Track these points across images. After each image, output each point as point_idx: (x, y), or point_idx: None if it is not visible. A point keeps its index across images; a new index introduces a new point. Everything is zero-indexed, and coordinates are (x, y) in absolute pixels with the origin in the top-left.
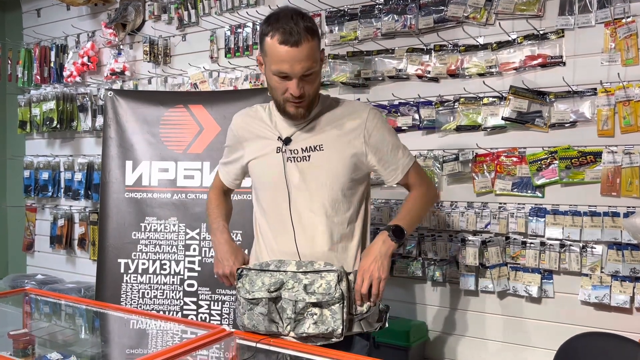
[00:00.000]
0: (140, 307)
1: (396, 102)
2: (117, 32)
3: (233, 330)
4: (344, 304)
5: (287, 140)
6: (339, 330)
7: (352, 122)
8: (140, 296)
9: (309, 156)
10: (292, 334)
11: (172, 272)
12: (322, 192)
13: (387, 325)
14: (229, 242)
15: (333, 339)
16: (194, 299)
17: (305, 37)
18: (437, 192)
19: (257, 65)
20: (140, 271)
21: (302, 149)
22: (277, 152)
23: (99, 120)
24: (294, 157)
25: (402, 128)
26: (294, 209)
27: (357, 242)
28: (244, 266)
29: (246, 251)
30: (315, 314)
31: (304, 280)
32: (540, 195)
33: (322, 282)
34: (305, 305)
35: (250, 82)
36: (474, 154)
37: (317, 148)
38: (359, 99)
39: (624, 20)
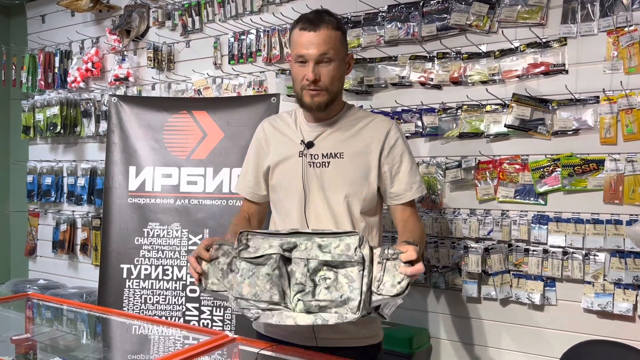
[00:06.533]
0: (143, 312)
1: (399, 109)
2: (122, 38)
3: (236, 336)
4: (364, 272)
5: (309, 144)
6: (355, 302)
7: (375, 134)
8: (143, 302)
9: (328, 162)
10: (300, 305)
11: (175, 278)
12: (339, 200)
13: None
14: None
15: (348, 314)
16: (196, 305)
17: (324, 24)
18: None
19: (260, 72)
20: (142, 277)
21: (322, 154)
22: (299, 156)
23: (103, 125)
24: (313, 162)
25: (405, 135)
26: (310, 213)
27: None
28: (248, 230)
29: None
30: (329, 279)
31: (319, 241)
32: (542, 202)
33: (340, 243)
34: (317, 265)
35: (254, 88)
36: (477, 161)
37: (338, 155)
38: (361, 106)
39: (626, 29)
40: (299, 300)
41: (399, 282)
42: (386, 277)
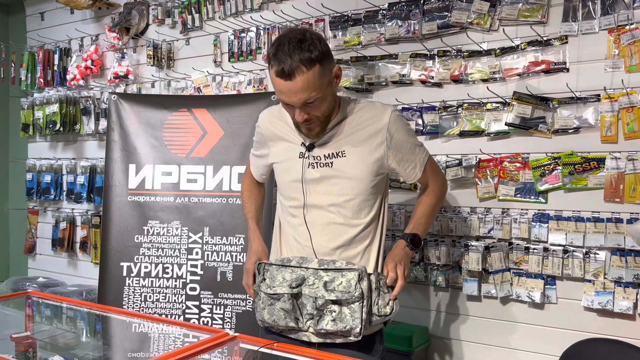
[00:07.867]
0: (143, 310)
1: (399, 107)
2: (121, 35)
3: (236, 334)
4: (364, 303)
5: (310, 147)
6: (357, 329)
7: (374, 126)
8: (143, 299)
9: (331, 162)
10: (311, 329)
11: (175, 276)
12: (343, 197)
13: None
14: (257, 253)
15: (351, 338)
16: (196, 303)
17: (299, 69)
18: (447, 182)
19: (260, 70)
20: (142, 274)
21: (324, 155)
22: (299, 157)
23: (102, 123)
24: (316, 163)
25: None
26: (314, 212)
27: (377, 246)
28: (264, 261)
29: None
30: (334, 312)
31: (324, 278)
32: (543, 201)
33: (342, 280)
34: (324, 302)
35: (254, 86)
36: (477, 160)
37: (340, 154)
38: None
39: (627, 27)
40: (309, 326)
41: (388, 303)
42: (380, 300)
